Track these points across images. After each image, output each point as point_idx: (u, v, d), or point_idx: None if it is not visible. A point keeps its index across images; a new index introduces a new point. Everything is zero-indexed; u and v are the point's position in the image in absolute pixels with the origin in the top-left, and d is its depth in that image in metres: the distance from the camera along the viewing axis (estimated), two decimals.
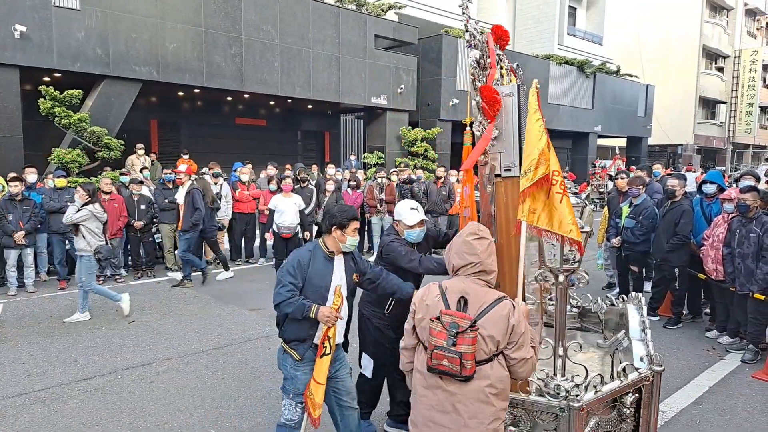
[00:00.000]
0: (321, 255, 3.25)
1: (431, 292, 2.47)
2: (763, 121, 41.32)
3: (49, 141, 11.61)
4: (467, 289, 2.41)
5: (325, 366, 3.15)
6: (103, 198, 8.33)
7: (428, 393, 2.41)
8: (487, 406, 2.34)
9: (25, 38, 10.52)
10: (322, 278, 3.20)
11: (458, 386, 2.34)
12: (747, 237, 5.51)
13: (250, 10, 13.99)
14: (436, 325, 2.34)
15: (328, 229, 3.26)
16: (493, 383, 2.35)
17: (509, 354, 2.38)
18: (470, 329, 2.29)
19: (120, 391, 4.74)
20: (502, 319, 2.35)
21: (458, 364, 2.28)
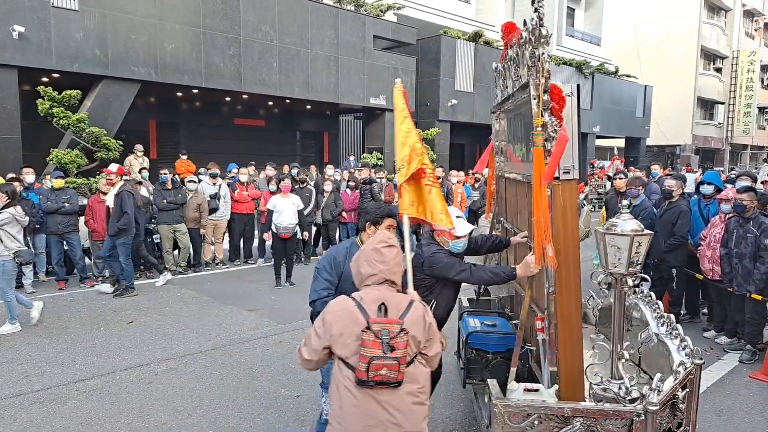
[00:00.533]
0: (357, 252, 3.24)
1: (345, 305, 2.39)
2: (761, 122, 41.39)
3: (48, 141, 11.61)
4: (384, 296, 2.38)
5: None
6: (101, 198, 8.33)
7: (359, 410, 2.29)
8: (420, 406, 2.36)
9: (24, 39, 10.52)
10: None
11: (391, 393, 2.30)
12: (744, 237, 5.53)
13: (249, 10, 14.00)
14: (369, 336, 2.23)
15: (363, 226, 3.28)
16: (421, 383, 2.38)
17: (426, 352, 2.43)
18: (402, 333, 2.27)
19: (118, 391, 4.74)
20: (420, 319, 2.39)
21: (397, 370, 2.24)
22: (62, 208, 8.01)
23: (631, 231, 2.93)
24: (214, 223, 9.68)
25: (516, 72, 3.55)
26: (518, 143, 3.91)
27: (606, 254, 3.02)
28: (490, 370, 3.95)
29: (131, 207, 7.57)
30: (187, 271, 9.33)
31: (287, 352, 5.68)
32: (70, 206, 8.10)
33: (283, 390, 4.76)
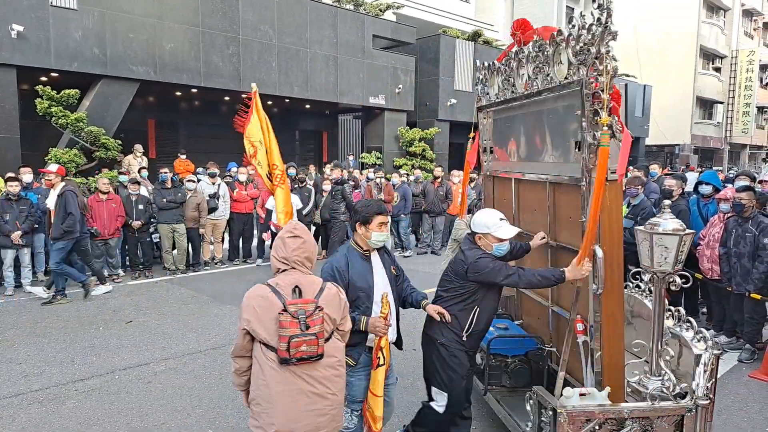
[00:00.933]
0: (357, 255, 3.18)
1: (262, 291, 2.52)
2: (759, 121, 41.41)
3: (47, 141, 11.59)
4: (298, 280, 2.56)
5: (381, 378, 3.06)
6: (100, 198, 8.32)
7: (285, 387, 2.46)
8: (339, 378, 2.60)
9: (23, 38, 10.50)
10: (364, 279, 3.12)
11: (313, 368, 2.48)
12: (743, 237, 5.53)
13: (248, 10, 13.99)
14: (286, 317, 2.40)
15: (353, 227, 3.20)
16: (339, 357, 2.61)
17: (342, 328, 2.68)
18: (317, 310, 2.47)
19: (117, 391, 4.73)
20: (335, 297, 2.61)
21: (316, 345, 2.43)
22: None
23: (678, 230, 2.97)
24: (213, 222, 9.68)
25: (538, 70, 3.48)
26: (539, 144, 3.81)
27: (652, 253, 3.01)
28: (509, 375, 3.96)
29: (75, 208, 7.25)
30: (186, 271, 9.32)
31: None
32: None
33: None
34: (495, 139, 4.60)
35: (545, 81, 3.42)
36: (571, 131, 3.31)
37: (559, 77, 3.26)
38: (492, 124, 4.60)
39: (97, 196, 8.38)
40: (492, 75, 4.37)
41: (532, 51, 3.55)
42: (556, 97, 3.41)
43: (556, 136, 3.56)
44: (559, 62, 3.24)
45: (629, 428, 2.86)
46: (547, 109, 3.60)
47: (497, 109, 4.41)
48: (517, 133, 4.18)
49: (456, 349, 3.36)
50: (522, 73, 3.77)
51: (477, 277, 3.29)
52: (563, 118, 3.41)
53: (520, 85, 3.81)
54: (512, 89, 3.95)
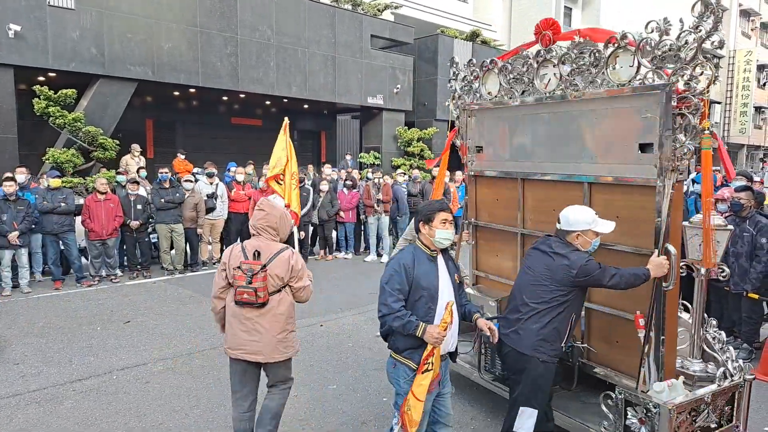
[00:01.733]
0: (423, 255, 3.10)
1: (235, 250, 3.41)
2: (757, 121, 41.48)
3: (44, 141, 11.58)
4: (260, 245, 3.35)
5: (425, 383, 2.96)
6: (98, 198, 8.31)
7: (235, 320, 3.36)
8: (277, 323, 3.34)
9: (20, 38, 10.49)
10: (428, 279, 3.04)
11: (256, 312, 3.31)
12: (741, 236, 5.54)
13: (246, 9, 13.98)
14: (238, 272, 3.26)
15: (417, 228, 3.13)
16: (283, 308, 3.36)
17: (293, 284, 3.39)
18: (261, 271, 3.26)
19: (115, 391, 4.72)
20: (285, 262, 3.34)
21: (254, 296, 3.24)
22: (58, 208, 7.99)
23: (726, 226, 3.50)
24: (211, 222, 9.67)
25: (577, 72, 3.61)
26: (571, 144, 3.82)
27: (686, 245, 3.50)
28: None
29: None
30: (184, 271, 9.31)
31: None
32: (65, 206, 8.07)
33: None
34: (487, 139, 4.56)
35: (590, 83, 3.54)
36: (632, 133, 3.36)
37: (614, 79, 3.37)
38: (479, 123, 4.57)
39: (95, 196, 8.37)
40: (489, 74, 4.36)
41: (571, 52, 3.62)
42: (607, 98, 3.47)
43: (605, 137, 3.57)
44: (614, 65, 3.38)
45: (704, 411, 3.12)
46: (590, 110, 3.62)
47: (494, 108, 4.38)
48: (530, 133, 4.13)
49: (554, 363, 3.21)
50: (543, 74, 3.82)
51: (585, 281, 3.13)
52: (619, 119, 3.45)
53: (540, 85, 3.86)
54: (526, 89, 4.01)
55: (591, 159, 3.70)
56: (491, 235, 4.71)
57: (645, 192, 3.34)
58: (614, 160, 3.53)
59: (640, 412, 3.11)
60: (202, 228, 9.39)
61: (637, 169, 3.38)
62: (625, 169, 3.47)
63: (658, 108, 3.16)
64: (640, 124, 3.31)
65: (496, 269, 4.74)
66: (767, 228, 5.41)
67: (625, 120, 3.42)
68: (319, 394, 4.68)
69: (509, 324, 3.27)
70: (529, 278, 3.26)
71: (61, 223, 8.05)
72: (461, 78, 4.66)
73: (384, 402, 4.54)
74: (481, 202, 4.73)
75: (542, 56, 3.84)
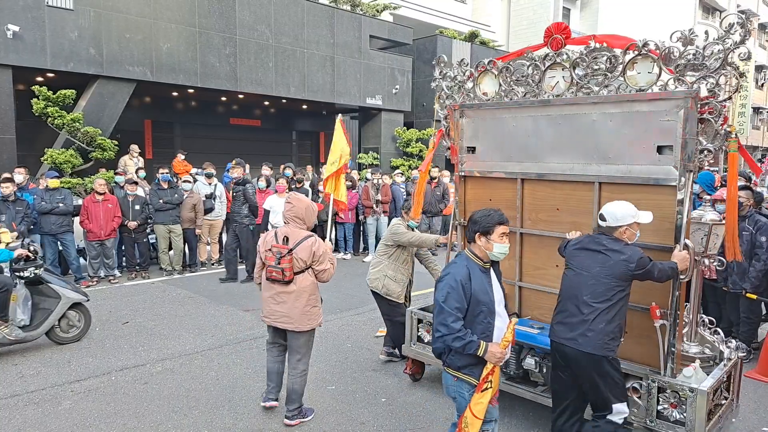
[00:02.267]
0: (476, 267, 3.00)
1: (268, 235, 4.10)
2: (755, 122, 41.53)
3: (43, 141, 11.56)
4: (288, 232, 4.03)
5: (485, 400, 2.91)
6: (96, 199, 8.30)
7: (267, 293, 4.11)
8: (301, 298, 4.03)
9: (18, 38, 10.47)
10: (485, 292, 2.95)
11: (283, 287, 4.02)
12: (740, 235, 5.54)
13: (245, 10, 13.97)
14: (269, 253, 3.99)
15: (472, 238, 3.01)
16: (304, 284, 4.04)
17: (315, 267, 4.05)
18: (288, 254, 3.94)
19: (114, 392, 4.72)
20: (308, 248, 3.99)
21: (281, 274, 3.96)
22: (56, 209, 7.98)
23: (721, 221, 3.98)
24: (209, 223, 9.66)
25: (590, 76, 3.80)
26: (582, 145, 3.95)
27: (708, 240, 3.97)
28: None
29: None
30: (183, 272, 9.30)
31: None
32: (64, 206, 8.06)
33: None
34: (481, 139, 4.57)
35: (605, 87, 3.74)
36: (651, 135, 3.57)
37: (631, 84, 3.62)
38: (472, 124, 4.57)
39: (93, 197, 8.36)
40: (486, 74, 4.38)
41: (585, 57, 3.78)
42: (623, 102, 3.66)
43: (620, 138, 3.74)
44: (632, 70, 3.60)
45: (719, 389, 3.68)
46: (603, 112, 3.79)
47: (491, 109, 4.40)
48: (534, 133, 4.21)
49: (617, 358, 3.27)
50: (551, 76, 3.97)
51: (641, 274, 3.18)
52: (636, 122, 3.64)
53: (547, 87, 4.01)
54: (530, 90, 4.12)
55: (603, 160, 3.84)
56: None
57: (662, 191, 3.55)
58: (629, 161, 3.70)
59: (673, 397, 3.44)
60: (201, 229, 9.39)
61: (655, 170, 3.58)
62: (641, 170, 3.65)
63: (680, 112, 3.38)
64: (659, 127, 3.51)
65: None
66: (766, 227, 5.42)
67: (642, 123, 3.60)
68: (318, 394, 4.67)
69: (571, 328, 3.22)
70: (585, 279, 3.24)
71: (60, 224, 8.04)
72: (451, 77, 4.68)
73: (383, 402, 4.54)
74: (472, 202, 4.70)
75: (552, 59, 3.94)
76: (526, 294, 4.54)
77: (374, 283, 5.17)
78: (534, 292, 4.47)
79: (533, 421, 4.23)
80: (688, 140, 3.38)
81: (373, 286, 5.20)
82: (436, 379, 4.98)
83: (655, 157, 3.58)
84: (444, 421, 4.22)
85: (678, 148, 3.44)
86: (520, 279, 4.49)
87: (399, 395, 4.68)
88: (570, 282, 3.33)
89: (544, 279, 4.35)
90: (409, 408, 4.45)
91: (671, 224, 3.52)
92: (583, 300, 3.20)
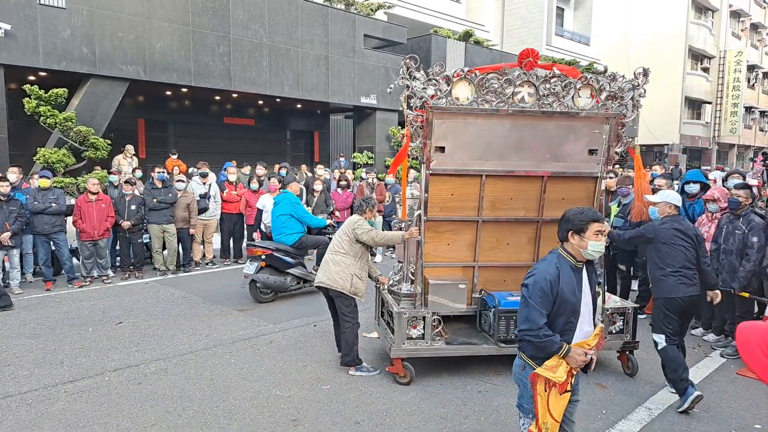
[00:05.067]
0: (567, 265, 2.97)
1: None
2: (747, 121, 41.81)
3: (35, 141, 11.49)
4: None
5: (563, 403, 2.90)
6: (90, 198, 8.25)
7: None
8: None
9: (10, 37, 10.40)
10: (573, 292, 2.92)
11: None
12: (733, 234, 5.59)
13: (238, 9, 13.94)
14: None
15: (564, 236, 3.00)
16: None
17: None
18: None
19: (107, 392, 4.70)
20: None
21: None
22: (49, 208, 7.93)
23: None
24: (204, 222, 9.63)
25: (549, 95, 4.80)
26: (535, 148, 5.06)
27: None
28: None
29: None
30: (177, 272, 9.27)
31: (278, 352, 5.67)
32: (56, 206, 8.02)
33: (274, 389, 4.75)
34: (450, 140, 4.94)
35: (559, 105, 4.82)
36: (585, 141, 5.04)
37: (577, 105, 4.84)
38: (442, 125, 4.88)
39: (86, 197, 8.31)
40: (461, 81, 4.78)
41: (548, 81, 4.79)
42: (569, 117, 4.90)
43: (564, 143, 5.04)
44: (578, 95, 4.82)
45: None
46: (554, 123, 4.95)
47: (462, 113, 4.83)
48: (499, 137, 4.98)
49: None
50: (519, 92, 4.78)
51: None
52: (575, 132, 5.00)
53: (517, 100, 4.80)
54: (500, 101, 4.78)
55: (552, 159, 5.09)
56: (443, 227, 5.23)
57: (590, 181, 5.22)
58: (569, 160, 5.10)
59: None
60: (195, 228, 9.36)
61: (586, 166, 5.14)
62: (576, 166, 5.13)
63: (606, 127, 5.00)
64: (591, 136, 5.03)
65: (446, 257, 5.33)
66: (759, 227, 5.45)
67: (580, 132, 5.02)
68: (313, 394, 4.67)
69: (693, 283, 4.53)
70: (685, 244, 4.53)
71: (52, 224, 8.00)
72: (425, 80, 4.95)
73: (378, 402, 4.55)
74: (435, 198, 5.07)
75: (522, 78, 4.76)
76: (482, 271, 5.39)
77: (340, 283, 5.04)
78: (488, 268, 5.38)
79: None
80: (608, 146, 5.01)
81: (338, 287, 5.04)
82: (431, 379, 4.99)
83: (587, 158, 5.10)
84: (439, 420, 4.23)
85: (602, 151, 5.05)
86: (478, 260, 5.33)
87: (395, 395, 4.69)
88: (681, 251, 4.49)
89: (497, 257, 5.36)
90: (404, 408, 4.46)
91: (595, 202, 5.17)
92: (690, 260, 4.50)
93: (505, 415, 4.32)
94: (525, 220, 5.27)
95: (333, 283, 5.04)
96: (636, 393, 4.81)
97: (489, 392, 4.75)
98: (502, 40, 29.19)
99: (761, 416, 4.42)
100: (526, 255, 5.37)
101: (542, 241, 5.28)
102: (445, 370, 5.17)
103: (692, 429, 4.19)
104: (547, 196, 5.17)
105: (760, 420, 4.35)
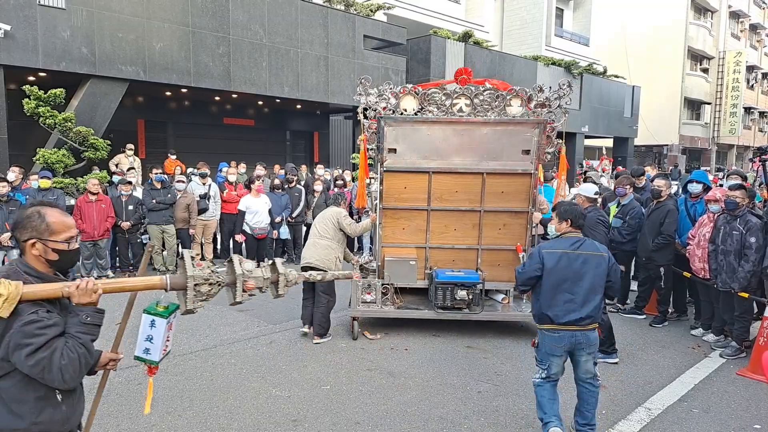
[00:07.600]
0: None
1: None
2: (746, 122, 41.85)
3: (34, 141, 11.48)
4: None
5: None
6: (90, 199, 8.25)
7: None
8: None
9: (10, 37, 10.39)
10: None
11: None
12: (730, 234, 5.60)
13: (238, 9, 13.93)
14: None
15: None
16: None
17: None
18: None
19: (107, 393, 4.67)
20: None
21: None
22: None
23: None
24: (203, 223, 9.62)
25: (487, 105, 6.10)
26: (475, 149, 6.15)
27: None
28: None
29: None
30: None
31: (277, 352, 5.67)
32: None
33: (274, 390, 4.75)
34: (401, 143, 6.06)
35: (496, 113, 6.04)
36: (518, 143, 6.06)
37: (510, 112, 6.03)
38: (393, 131, 6.02)
39: (86, 197, 8.31)
40: (407, 95, 6.02)
41: (482, 94, 6.02)
42: (502, 123, 6.00)
43: (499, 144, 6.06)
44: (509, 104, 6.01)
45: None
46: (490, 128, 6.02)
47: (410, 121, 6.00)
48: (441, 140, 6.05)
49: None
50: (456, 103, 6.01)
51: None
52: (510, 135, 6.05)
53: (456, 110, 6.04)
54: (441, 110, 6.06)
55: (489, 158, 6.09)
56: (399, 214, 6.33)
57: (524, 177, 6.16)
58: (505, 159, 6.09)
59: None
60: (195, 229, 9.35)
61: (520, 165, 6.11)
62: (512, 164, 6.11)
63: (537, 131, 5.99)
64: (524, 139, 6.04)
65: (402, 240, 6.42)
66: (756, 227, 5.46)
67: (514, 136, 6.05)
68: (312, 395, 4.67)
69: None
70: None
71: None
72: (377, 94, 6.15)
73: (378, 402, 4.55)
74: (390, 190, 6.21)
75: (458, 92, 5.99)
76: (432, 252, 6.43)
77: (327, 264, 5.81)
78: (438, 249, 6.40)
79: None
80: (539, 147, 5.99)
81: (325, 267, 5.75)
82: (431, 379, 4.99)
83: (521, 157, 6.07)
84: (439, 420, 4.23)
85: (534, 152, 6.03)
86: (429, 242, 6.37)
87: (394, 395, 4.69)
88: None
89: (445, 240, 6.36)
90: (404, 407, 4.46)
91: (528, 196, 6.19)
92: None
93: (505, 415, 4.32)
94: (468, 210, 6.27)
95: (321, 263, 5.77)
96: (636, 393, 4.81)
97: (489, 392, 4.75)
98: (502, 41, 29.21)
99: (761, 416, 4.43)
100: (470, 239, 6.37)
101: (484, 228, 6.28)
102: (446, 370, 5.18)
103: (692, 429, 4.19)
104: (488, 189, 6.16)
105: (759, 420, 4.36)
